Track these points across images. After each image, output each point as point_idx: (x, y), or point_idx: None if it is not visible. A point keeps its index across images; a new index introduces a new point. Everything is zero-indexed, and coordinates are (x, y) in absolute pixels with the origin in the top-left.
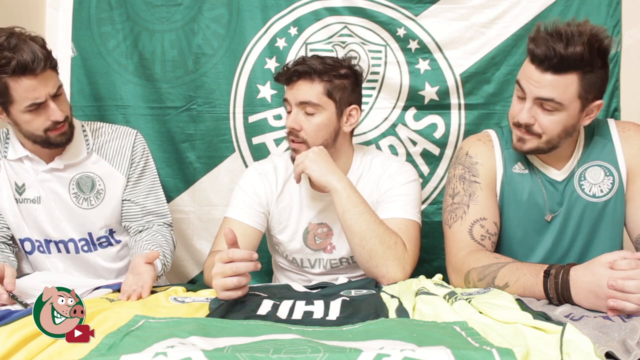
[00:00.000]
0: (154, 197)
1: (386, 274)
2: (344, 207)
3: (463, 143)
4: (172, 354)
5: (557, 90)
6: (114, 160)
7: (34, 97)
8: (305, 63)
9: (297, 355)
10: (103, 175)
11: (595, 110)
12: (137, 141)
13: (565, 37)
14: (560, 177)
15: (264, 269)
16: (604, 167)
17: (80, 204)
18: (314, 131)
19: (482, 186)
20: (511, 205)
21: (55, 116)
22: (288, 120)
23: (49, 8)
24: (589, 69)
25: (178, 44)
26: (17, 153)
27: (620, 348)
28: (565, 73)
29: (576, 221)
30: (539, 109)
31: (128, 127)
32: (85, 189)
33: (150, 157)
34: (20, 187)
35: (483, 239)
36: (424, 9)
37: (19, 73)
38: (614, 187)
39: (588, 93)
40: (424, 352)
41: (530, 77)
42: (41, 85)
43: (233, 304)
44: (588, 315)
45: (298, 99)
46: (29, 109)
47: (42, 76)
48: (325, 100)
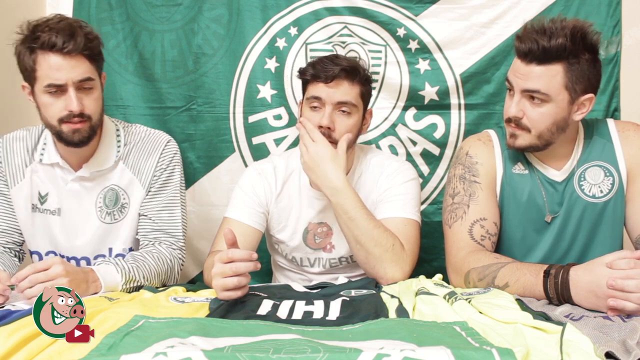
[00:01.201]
0: (169, 214)
1: (384, 275)
2: (334, 212)
3: (463, 143)
4: (172, 354)
5: (542, 80)
6: (137, 170)
7: (55, 77)
8: (348, 63)
9: (297, 355)
10: (126, 187)
11: (587, 105)
12: (166, 151)
13: (549, 31)
14: (559, 178)
15: (264, 269)
16: (603, 167)
17: (103, 218)
18: (344, 132)
19: (482, 186)
20: (511, 206)
21: (71, 105)
22: (323, 119)
23: (49, 8)
24: (573, 60)
25: (178, 44)
26: (51, 158)
27: (620, 348)
28: (549, 64)
29: (576, 222)
30: (527, 102)
31: (162, 132)
32: (109, 203)
33: (177, 171)
34: (43, 197)
35: (483, 239)
36: (424, 9)
37: (48, 48)
38: (613, 188)
39: (575, 84)
40: (424, 352)
41: (517, 71)
42: (66, 67)
43: (233, 304)
44: (588, 315)
45: (337, 98)
46: (48, 90)
47: (70, 59)
48: (360, 102)
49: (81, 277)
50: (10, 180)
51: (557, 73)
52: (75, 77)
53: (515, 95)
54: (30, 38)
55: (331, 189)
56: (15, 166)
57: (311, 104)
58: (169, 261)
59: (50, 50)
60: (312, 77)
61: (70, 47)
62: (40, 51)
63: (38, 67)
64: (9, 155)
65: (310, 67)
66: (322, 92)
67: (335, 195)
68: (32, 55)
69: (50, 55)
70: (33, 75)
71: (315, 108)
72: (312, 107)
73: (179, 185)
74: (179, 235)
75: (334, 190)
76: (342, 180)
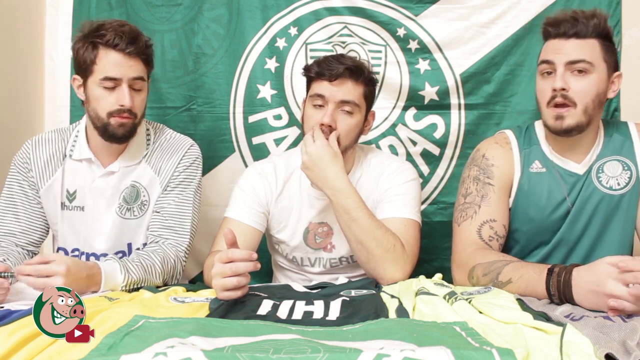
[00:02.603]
0: (179, 214)
1: (385, 275)
2: (335, 212)
3: (480, 145)
4: (172, 354)
5: (585, 51)
6: (158, 170)
7: (113, 71)
8: (353, 62)
9: (297, 355)
10: (147, 185)
11: (616, 83)
12: (187, 155)
13: (581, 14)
14: (579, 171)
15: (264, 269)
16: (622, 161)
17: (123, 214)
18: (347, 131)
19: (496, 189)
20: (530, 204)
21: (123, 100)
22: (324, 117)
23: (49, 8)
24: (606, 38)
25: (178, 44)
26: (82, 154)
27: (620, 349)
28: (588, 38)
29: (590, 212)
30: (570, 75)
31: (187, 137)
32: (129, 199)
33: (195, 175)
34: (71, 194)
35: (491, 239)
36: (424, 9)
37: (111, 46)
38: (631, 182)
39: (610, 59)
40: (424, 352)
41: (558, 48)
42: (124, 64)
43: (233, 304)
44: (588, 316)
45: (340, 96)
46: (103, 83)
47: (129, 58)
48: (363, 102)
49: (83, 275)
50: (39, 181)
51: (595, 46)
52: (131, 75)
53: (558, 69)
54: (95, 34)
55: (332, 189)
56: (43, 167)
57: (314, 101)
58: (173, 261)
59: (114, 49)
60: (316, 75)
61: (132, 48)
62: (103, 47)
63: (98, 61)
64: (37, 157)
65: (315, 65)
66: (325, 90)
67: (337, 195)
68: (94, 50)
69: (112, 52)
70: (90, 68)
71: (318, 106)
72: (315, 105)
73: (195, 188)
74: (186, 236)
75: (336, 190)
76: (344, 179)
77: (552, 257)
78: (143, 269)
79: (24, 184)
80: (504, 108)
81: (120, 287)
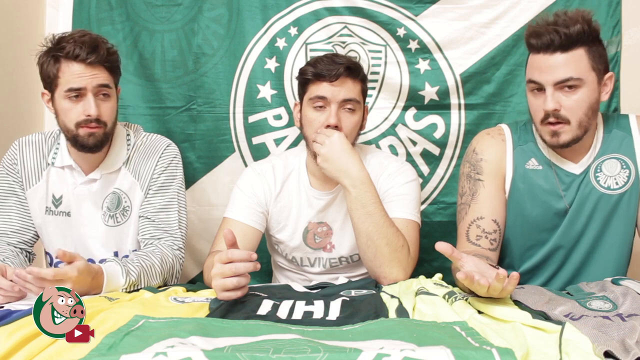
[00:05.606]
0: (165, 216)
1: (388, 274)
2: (351, 205)
3: (474, 138)
4: (172, 354)
5: (571, 67)
6: (137, 174)
7: (76, 82)
8: (349, 61)
9: (297, 355)
10: (128, 190)
11: (609, 84)
12: (164, 155)
13: (563, 21)
14: (577, 170)
15: (264, 269)
16: (620, 159)
17: (107, 221)
18: (351, 129)
19: (485, 183)
20: (526, 202)
21: (89, 110)
22: (330, 118)
23: (49, 8)
24: (591, 43)
25: (178, 44)
26: (64, 161)
27: (619, 347)
28: (573, 49)
29: (589, 212)
30: (560, 93)
31: (163, 137)
32: (111, 206)
33: (175, 174)
34: (57, 199)
35: (479, 238)
36: (424, 9)
37: (72, 58)
38: (629, 180)
39: (598, 64)
40: (424, 352)
41: (542, 66)
42: (87, 74)
43: (233, 304)
44: (587, 315)
45: (342, 96)
46: (68, 95)
47: (92, 68)
48: (361, 99)
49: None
50: (26, 182)
51: (581, 56)
52: (95, 84)
53: (547, 89)
54: (56, 48)
55: (353, 179)
56: (30, 169)
57: (314, 103)
58: (171, 259)
59: (74, 60)
60: (314, 77)
61: (93, 58)
62: (64, 60)
63: (61, 75)
64: (24, 158)
65: (310, 67)
66: (326, 92)
67: (358, 186)
68: (56, 64)
69: (73, 64)
70: (55, 82)
71: (319, 107)
72: (316, 107)
73: (177, 188)
74: (176, 236)
75: (357, 181)
76: (365, 171)
77: (552, 258)
78: (143, 270)
79: (14, 185)
80: (504, 108)
81: (121, 289)
